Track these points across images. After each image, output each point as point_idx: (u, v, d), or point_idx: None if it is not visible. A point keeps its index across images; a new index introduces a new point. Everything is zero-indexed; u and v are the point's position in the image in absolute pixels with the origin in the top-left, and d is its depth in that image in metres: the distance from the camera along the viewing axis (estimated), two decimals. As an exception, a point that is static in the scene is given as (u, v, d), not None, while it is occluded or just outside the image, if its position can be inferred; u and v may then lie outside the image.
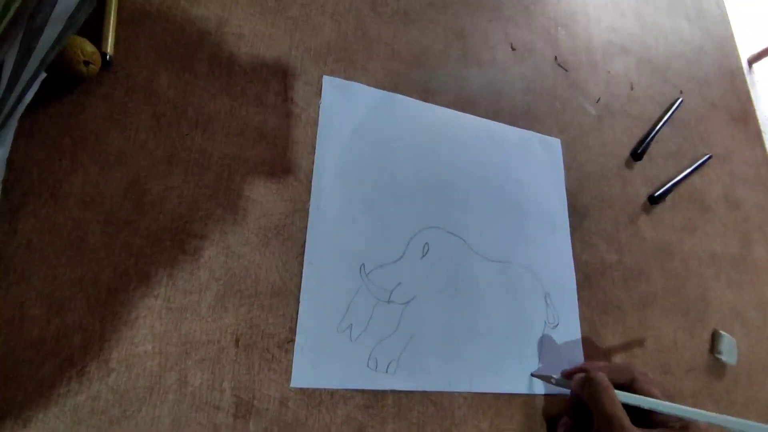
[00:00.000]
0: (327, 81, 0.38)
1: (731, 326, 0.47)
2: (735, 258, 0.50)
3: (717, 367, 0.44)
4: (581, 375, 0.33)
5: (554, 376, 0.35)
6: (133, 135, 0.31)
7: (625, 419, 0.29)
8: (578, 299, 0.40)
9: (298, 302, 0.31)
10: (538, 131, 0.45)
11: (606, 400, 0.30)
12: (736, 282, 0.49)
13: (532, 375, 0.36)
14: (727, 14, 0.67)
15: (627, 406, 0.30)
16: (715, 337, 0.45)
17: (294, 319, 0.31)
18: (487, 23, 0.47)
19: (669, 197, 0.49)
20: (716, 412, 0.28)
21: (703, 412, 0.28)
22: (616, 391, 0.31)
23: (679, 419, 0.29)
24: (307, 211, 0.33)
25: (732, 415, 0.42)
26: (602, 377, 0.31)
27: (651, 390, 0.31)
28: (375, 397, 0.31)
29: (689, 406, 0.41)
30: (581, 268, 0.42)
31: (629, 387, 0.32)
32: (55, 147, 0.29)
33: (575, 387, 0.33)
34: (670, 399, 0.31)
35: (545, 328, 0.38)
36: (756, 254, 0.52)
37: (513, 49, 0.48)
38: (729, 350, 0.44)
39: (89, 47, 0.29)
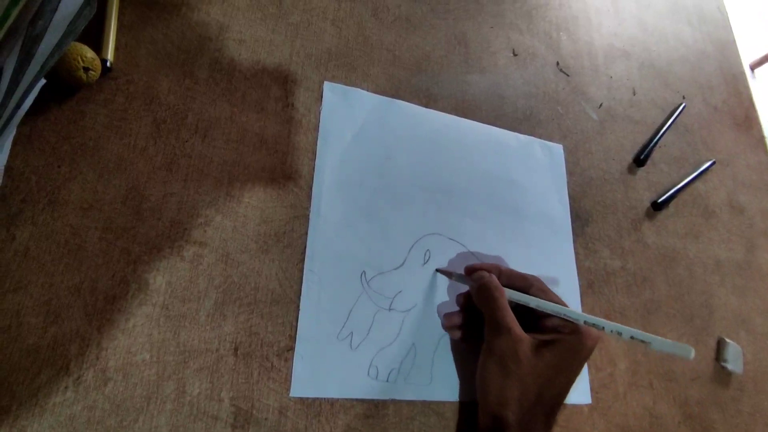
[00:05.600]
0: (327, 87, 0.37)
1: (736, 333, 0.46)
2: (740, 264, 0.50)
3: (722, 376, 0.43)
4: (479, 274, 0.32)
5: (456, 272, 0.34)
6: (132, 141, 0.31)
7: (514, 325, 0.29)
8: (582, 306, 0.40)
9: (298, 310, 0.31)
10: (540, 137, 0.45)
11: (496, 308, 0.29)
12: (741, 288, 0.48)
13: (437, 270, 0.35)
14: (728, 19, 0.66)
15: (520, 314, 0.30)
16: (720, 346, 0.44)
17: (294, 327, 0.30)
18: (489, 29, 0.47)
19: (672, 203, 0.48)
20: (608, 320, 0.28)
21: (588, 315, 0.28)
22: (506, 289, 0.31)
23: (565, 320, 0.29)
24: (307, 218, 0.33)
25: (739, 424, 0.42)
26: (495, 284, 0.31)
27: (544, 296, 0.31)
28: (375, 406, 0.31)
29: (693, 413, 0.40)
30: (584, 274, 0.41)
31: (525, 293, 0.31)
32: (54, 153, 0.29)
33: (471, 287, 0.32)
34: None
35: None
36: (761, 260, 0.51)
37: (515, 54, 0.48)
38: (734, 358, 0.43)
39: (89, 54, 0.29)
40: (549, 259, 0.40)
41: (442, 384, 0.33)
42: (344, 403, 0.30)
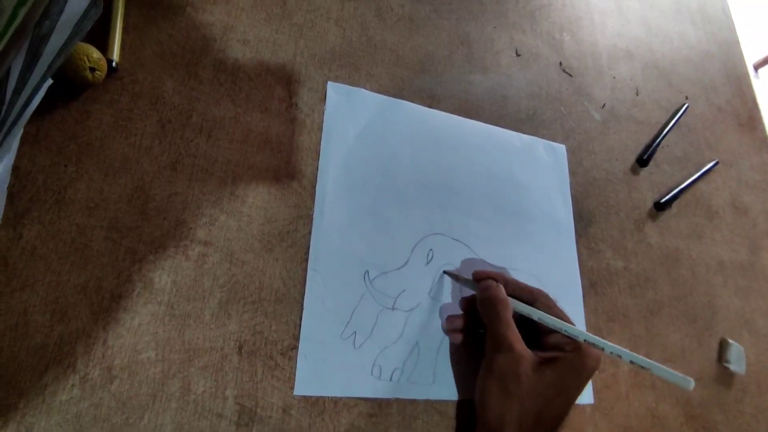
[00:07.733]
0: (331, 87, 0.38)
1: (739, 334, 0.46)
2: (743, 265, 0.50)
3: (725, 377, 0.43)
4: (486, 284, 0.31)
5: (463, 275, 0.34)
6: (137, 141, 0.31)
7: (516, 342, 0.29)
8: (584, 306, 0.40)
9: (302, 309, 0.31)
10: (543, 137, 0.45)
11: (499, 322, 0.29)
12: (744, 289, 0.48)
13: (444, 272, 0.35)
14: (732, 19, 0.66)
15: (524, 328, 0.30)
16: (723, 346, 0.44)
17: (297, 326, 0.31)
18: (492, 29, 0.47)
19: (675, 204, 0.48)
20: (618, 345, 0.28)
21: (589, 334, 0.28)
22: (511, 299, 0.30)
23: (567, 336, 0.29)
24: (311, 218, 0.33)
25: (742, 425, 0.42)
26: (501, 296, 0.30)
27: (548, 311, 0.30)
28: (379, 405, 0.31)
29: (696, 414, 0.40)
30: (587, 274, 0.41)
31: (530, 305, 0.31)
32: (60, 153, 0.29)
33: (477, 295, 0.32)
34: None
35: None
36: (764, 261, 0.51)
37: (518, 54, 0.48)
38: (737, 359, 0.43)
39: (95, 54, 0.29)
40: (552, 259, 0.40)
41: (445, 383, 0.33)
42: (348, 401, 0.30)
